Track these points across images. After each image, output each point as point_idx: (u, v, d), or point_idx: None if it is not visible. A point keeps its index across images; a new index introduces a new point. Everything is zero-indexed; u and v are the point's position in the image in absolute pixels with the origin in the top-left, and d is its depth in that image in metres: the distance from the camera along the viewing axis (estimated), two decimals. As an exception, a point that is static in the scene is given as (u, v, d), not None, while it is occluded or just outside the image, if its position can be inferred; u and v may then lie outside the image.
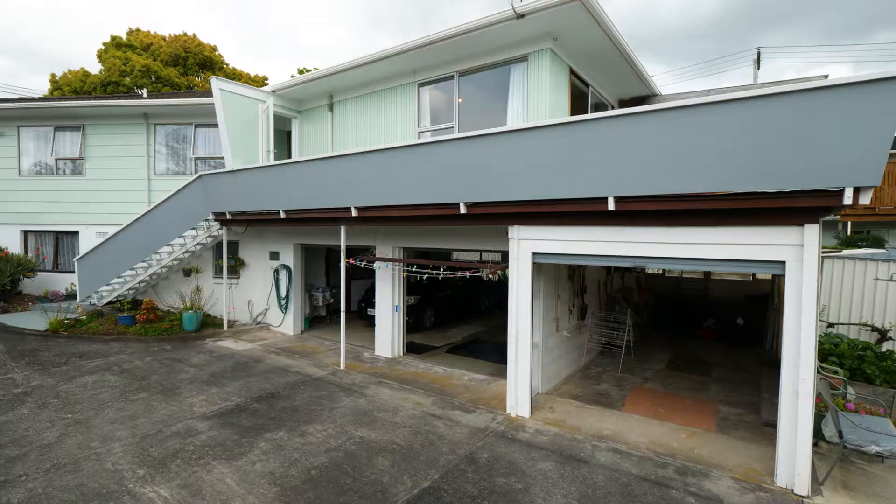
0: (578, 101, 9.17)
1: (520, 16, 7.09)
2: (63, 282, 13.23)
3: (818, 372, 5.09)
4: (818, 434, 5.24)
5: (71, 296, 12.37)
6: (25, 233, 13.92)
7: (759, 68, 20.28)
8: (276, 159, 11.01)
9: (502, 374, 7.44)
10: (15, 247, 13.67)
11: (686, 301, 12.81)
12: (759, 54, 20.24)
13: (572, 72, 8.66)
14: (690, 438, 5.59)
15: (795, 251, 4.33)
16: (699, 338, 11.14)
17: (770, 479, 4.63)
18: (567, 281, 7.92)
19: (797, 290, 4.34)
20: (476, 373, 8.04)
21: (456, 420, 6.02)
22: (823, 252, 4.85)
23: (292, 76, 11.53)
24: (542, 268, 6.82)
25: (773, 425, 5.73)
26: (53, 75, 28.04)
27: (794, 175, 4.04)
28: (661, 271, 13.97)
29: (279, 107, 11.27)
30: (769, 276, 11.35)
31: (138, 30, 29.71)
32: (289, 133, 12.52)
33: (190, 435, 5.49)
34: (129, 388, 7.00)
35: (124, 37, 28.95)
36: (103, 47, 28.28)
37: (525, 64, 8.09)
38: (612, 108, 10.65)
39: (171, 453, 5.05)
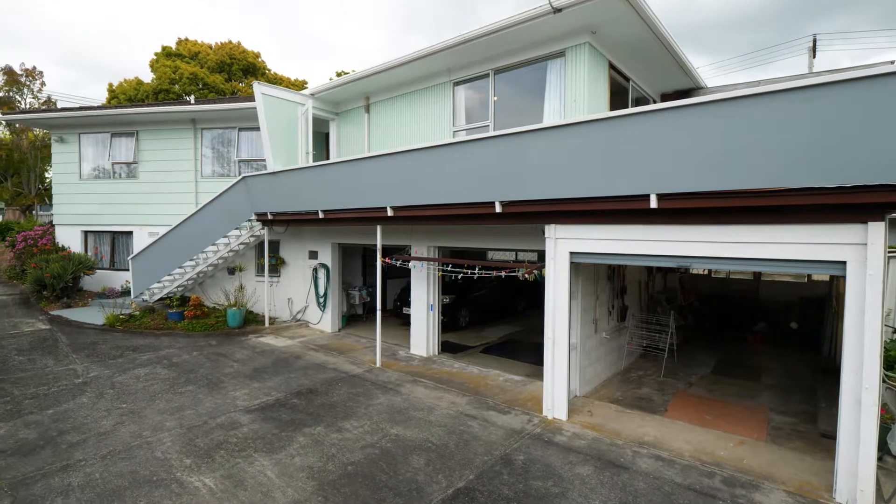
0: (618, 96, 8.91)
1: (556, 10, 6.94)
2: (118, 279, 14.03)
3: (883, 381, 4.73)
4: (883, 447, 4.87)
5: (126, 292, 13.10)
6: (85, 233, 14.85)
7: (814, 57, 19.09)
8: (314, 161, 11.27)
9: (538, 375, 7.32)
10: (76, 246, 14.61)
11: (734, 303, 12.19)
12: (814, 42, 19.05)
13: (612, 66, 8.42)
14: (739, 447, 5.31)
15: (857, 250, 4.03)
16: (748, 342, 10.59)
17: (828, 494, 4.33)
18: (606, 281, 7.71)
19: (859, 292, 4.04)
20: (511, 373, 7.95)
21: (491, 421, 5.97)
22: (890, 251, 4.48)
23: (330, 79, 11.77)
24: (580, 267, 6.66)
25: (831, 436, 5.37)
26: (110, 84, 29.82)
27: (856, 169, 3.76)
28: (706, 272, 13.38)
29: (317, 109, 11.52)
30: (826, 278, 10.67)
31: (186, 39, 31.18)
32: (327, 135, 12.78)
33: (233, 427, 5.69)
34: (178, 381, 7.33)
35: (174, 46, 30.44)
36: (155, 57, 29.84)
37: (562, 59, 7.92)
38: (654, 102, 10.28)
39: (215, 444, 5.24)
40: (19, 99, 30.63)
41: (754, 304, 12.07)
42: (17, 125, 27.68)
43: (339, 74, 30.08)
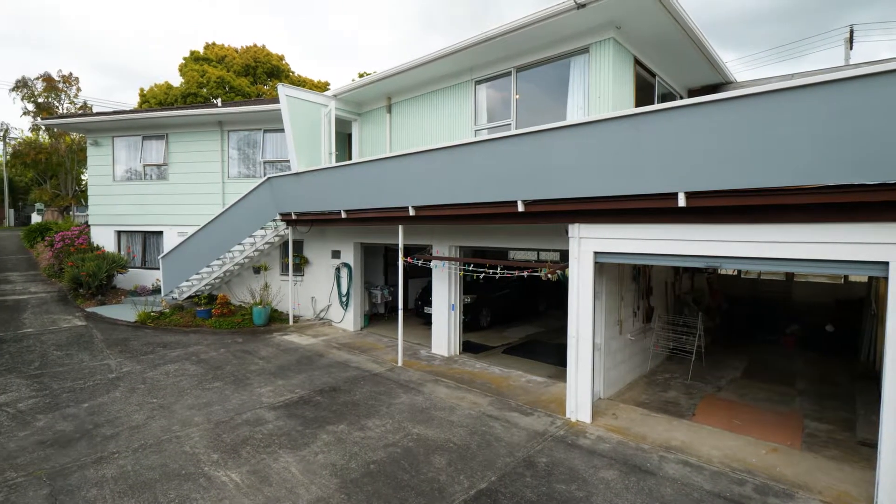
0: (644, 92, 8.72)
1: (580, 5, 6.83)
2: (150, 277, 14.46)
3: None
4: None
5: (156, 290, 13.51)
6: (119, 233, 15.36)
7: (851, 48, 18.32)
8: (337, 161, 11.39)
9: (561, 376, 7.23)
10: (110, 246, 15.13)
11: (765, 305, 11.81)
12: (851, 32, 18.29)
13: (637, 61, 8.24)
14: (771, 454, 5.13)
15: (901, 250, 3.83)
16: (780, 345, 10.24)
17: (868, 505, 4.15)
18: (631, 281, 7.56)
19: (903, 295, 3.84)
20: (534, 374, 7.87)
21: (513, 422, 5.92)
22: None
23: (352, 80, 11.88)
24: (605, 267, 6.54)
25: (871, 445, 5.15)
26: (142, 89, 30.80)
27: (900, 164, 3.57)
28: (735, 272, 13.00)
29: (340, 110, 11.64)
30: (864, 279, 10.22)
31: (214, 44, 31.95)
32: (349, 135, 12.91)
33: (258, 424, 5.79)
34: (206, 378, 7.51)
35: (202, 51, 31.23)
36: (183, 61, 30.68)
37: (586, 55, 7.80)
38: (681, 97, 10.02)
39: (241, 440, 5.34)
40: (57, 104, 31.94)
41: (786, 306, 11.67)
42: (56, 130, 28.86)
43: (360, 75, 30.37)
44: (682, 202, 4.71)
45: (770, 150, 4.12)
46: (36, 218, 32.23)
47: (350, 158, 12.73)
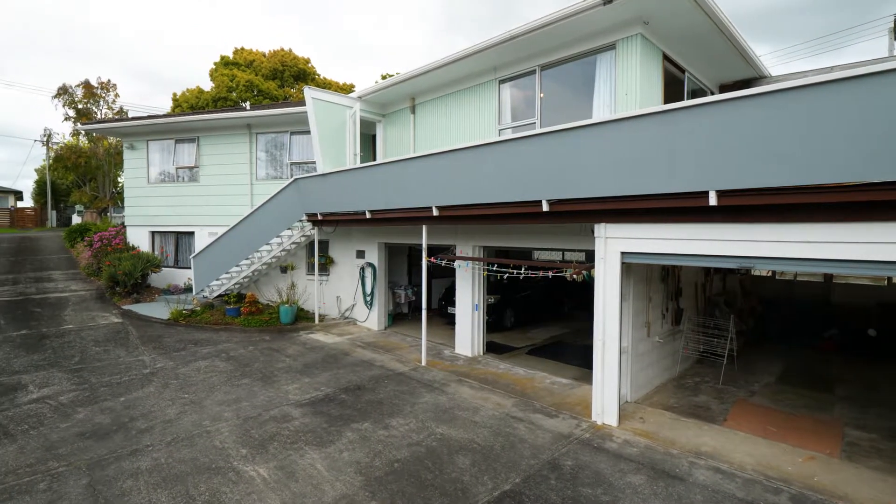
0: (673, 89, 8.52)
1: (607, 1, 6.71)
2: (182, 276, 14.93)
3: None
4: (982, 471, 4.36)
5: (188, 289, 13.93)
6: (153, 233, 15.91)
7: (895, 38, 17.42)
8: (361, 162, 11.51)
9: (587, 379, 7.12)
10: (145, 245, 15.69)
11: (801, 307, 11.33)
12: (895, 22, 17.40)
13: (666, 57, 8.05)
14: (808, 463, 4.93)
15: (953, 251, 3.62)
16: (818, 349, 9.83)
17: (915, 519, 3.93)
18: (660, 282, 7.38)
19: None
20: (558, 376, 7.77)
21: (538, 424, 5.86)
22: None
23: (376, 82, 11.98)
24: (632, 268, 6.41)
25: (918, 456, 4.89)
26: (174, 94, 31.80)
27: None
28: (770, 273, 12.54)
29: (365, 112, 11.76)
30: (910, 281, 9.72)
31: (243, 48, 32.74)
32: (373, 136, 13.03)
33: (285, 420, 5.90)
34: (235, 374, 7.70)
35: (231, 56, 32.06)
36: (214, 66, 31.56)
37: (612, 52, 7.66)
38: (712, 93, 9.74)
39: (269, 436, 5.45)
40: (95, 110, 33.28)
41: (825, 309, 11.18)
42: (94, 134, 30.09)
43: (384, 77, 30.62)
44: (713, 201, 4.57)
45: (808, 146, 3.96)
46: (76, 219, 33.70)
47: (374, 159, 12.85)
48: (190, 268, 13.01)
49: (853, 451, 5.23)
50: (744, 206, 4.51)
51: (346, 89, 31.94)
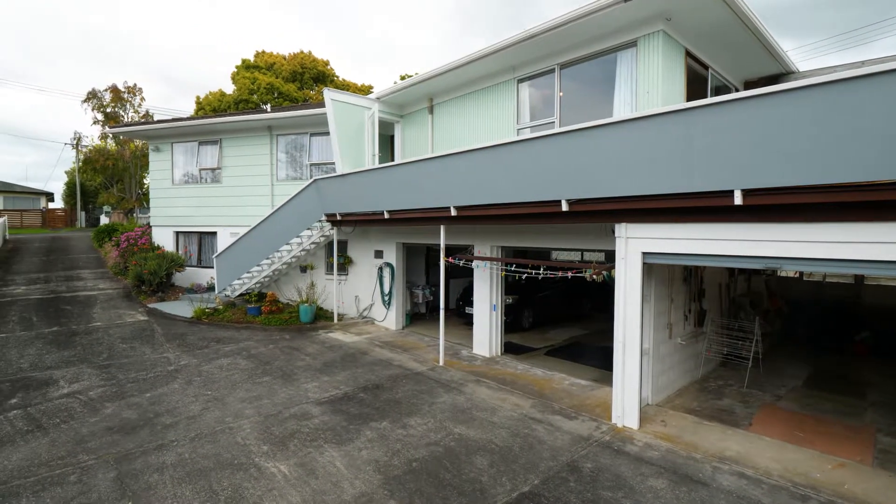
0: (696, 86, 8.35)
1: (628, -2, 6.62)
2: (204, 276, 15.24)
3: None
4: None
5: (210, 288, 14.21)
6: (177, 233, 16.29)
7: (931, 31, 16.73)
8: (380, 162, 11.59)
9: (606, 380, 7.03)
10: (169, 245, 16.08)
11: (830, 309, 10.99)
12: (931, 14, 16.70)
13: (688, 54, 7.90)
14: (838, 470, 4.77)
15: None
16: (848, 353, 9.51)
17: (954, 530, 3.77)
18: (682, 283, 7.25)
19: None
20: (577, 377, 7.69)
21: (556, 425, 5.81)
22: None
23: (394, 83, 12.05)
24: (654, 269, 6.30)
25: (956, 465, 4.69)
26: (198, 97, 32.50)
27: None
28: (797, 274, 12.18)
29: (383, 112, 11.83)
30: (947, 283, 9.34)
31: (263, 52, 33.28)
32: (392, 137, 13.10)
33: (305, 418, 5.97)
34: (256, 372, 7.83)
35: (252, 59, 32.61)
36: (235, 70, 32.14)
37: (633, 50, 7.55)
38: (737, 90, 9.52)
39: (289, 433, 5.53)
40: (122, 113, 34.24)
41: (856, 311, 10.81)
42: (121, 137, 30.96)
43: (402, 78, 30.77)
44: (738, 200, 4.47)
45: (839, 143, 3.83)
46: (104, 219, 34.71)
47: (393, 160, 12.92)
48: (212, 267, 13.29)
49: (886, 459, 5.05)
50: (770, 206, 4.39)
51: (364, 90, 32.18)
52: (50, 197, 41.83)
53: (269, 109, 16.08)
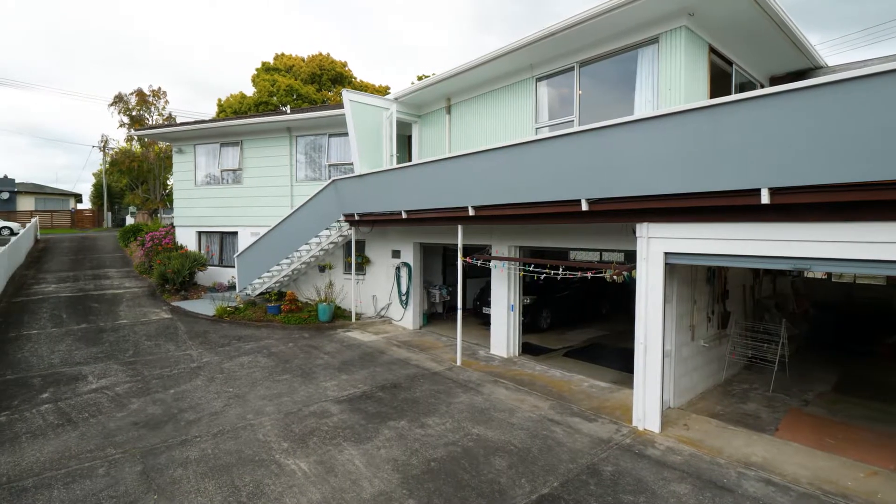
0: (720, 82, 8.17)
1: (649, -6, 6.50)
2: (226, 275, 15.52)
3: None
4: None
5: (231, 287, 14.46)
6: (199, 233, 16.62)
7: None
8: (397, 163, 11.63)
9: (626, 383, 6.93)
10: (192, 245, 16.42)
11: (861, 312, 10.64)
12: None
13: (712, 49, 7.73)
14: (870, 478, 4.61)
15: None
16: (879, 357, 9.19)
17: None
18: (705, 284, 7.09)
19: None
20: (597, 379, 7.60)
21: (576, 427, 5.74)
22: None
23: (412, 83, 12.07)
24: (676, 269, 6.18)
25: None
26: (219, 100, 33.13)
27: None
28: (825, 275, 11.84)
29: (401, 113, 11.87)
30: None
31: (283, 54, 33.77)
32: (409, 137, 13.13)
33: (324, 416, 6.03)
34: (276, 370, 7.94)
35: (272, 61, 33.10)
36: (255, 72, 32.67)
37: (655, 46, 7.42)
38: (762, 86, 9.27)
39: (308, 431, 5.59)
40: (147, 116, 35.10)
41: (887, 314, 10.45)
42: (146, 139, 31.75)
43: (419, 78, 30.85)
44: (765, 199, 4.35)
45: (871, 139, 3.70)
46: (129, 220, 35.65)
47: (410, 160, 12.95)
48: (233, 266, 13.52)
49: (922, 468, 4.86)
50: (799, 205, 4.27)
51: (382, 91, 32.38)
52: (78, 198, 43.18)
53: (288, 111, 16.30)
